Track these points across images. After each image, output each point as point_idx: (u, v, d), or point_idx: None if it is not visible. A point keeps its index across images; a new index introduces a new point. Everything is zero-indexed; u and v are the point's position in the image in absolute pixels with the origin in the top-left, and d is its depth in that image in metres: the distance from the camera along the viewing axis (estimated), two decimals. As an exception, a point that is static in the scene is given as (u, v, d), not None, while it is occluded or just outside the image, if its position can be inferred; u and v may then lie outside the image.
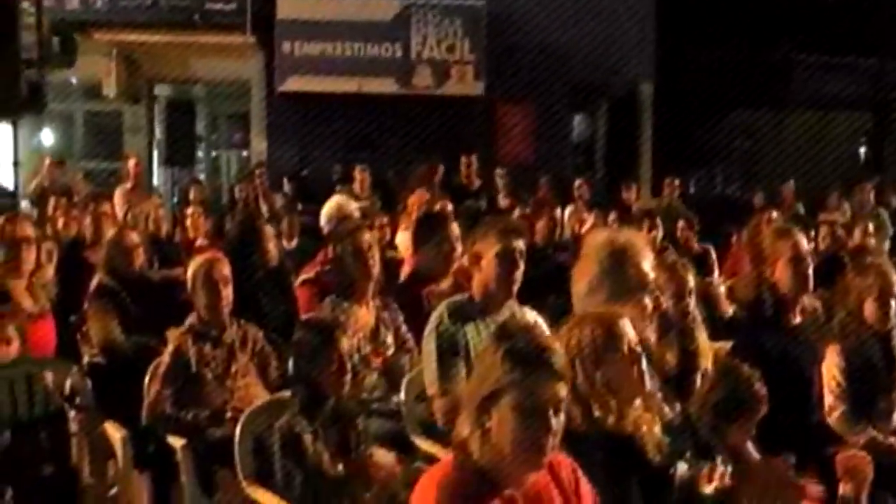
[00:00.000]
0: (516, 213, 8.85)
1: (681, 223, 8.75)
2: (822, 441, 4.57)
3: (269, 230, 6.52)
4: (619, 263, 3.59)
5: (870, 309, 4.81)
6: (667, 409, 3.34)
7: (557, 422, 2.61)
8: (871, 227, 8.02)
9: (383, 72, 14.35)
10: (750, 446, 3.97)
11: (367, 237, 5.46)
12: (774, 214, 8.30)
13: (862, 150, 17.00)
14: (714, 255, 8.66)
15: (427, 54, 14.41)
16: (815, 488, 4.09)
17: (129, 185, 11.25)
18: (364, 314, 5.17)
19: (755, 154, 15.60)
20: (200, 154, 16.08)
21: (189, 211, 9.68)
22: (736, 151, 16.02)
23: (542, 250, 8.08)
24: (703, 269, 7.10)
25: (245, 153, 16.37)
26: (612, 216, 8.94)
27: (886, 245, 8.10)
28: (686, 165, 13.96)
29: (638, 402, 3.14)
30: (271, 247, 6.40)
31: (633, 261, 3.61)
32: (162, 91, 15.52)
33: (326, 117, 14.11)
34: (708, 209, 11.82)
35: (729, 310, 6.53)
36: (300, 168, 14.15)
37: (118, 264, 6.18)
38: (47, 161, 11.76)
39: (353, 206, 7.36)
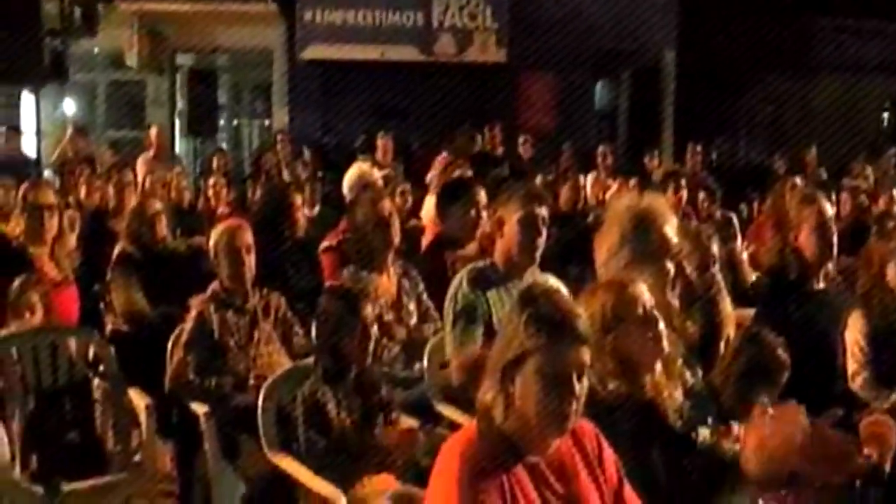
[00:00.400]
0: (539, 180, 8.82)
1: (701, 194, 8.69)
2: (846, 407, 4.55)
3: (298, 199, 6.51)
4: (640, 228, 3.56)
5: (892, 274, 4.78)
6: (689, 375, 3.31)
7: (581, 387, 2.59)
8: (895, 193, 7.94)
9: (405, 39, 14.28)
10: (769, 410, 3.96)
11: (388, 205, 5.45)
12: (798, 181, 8.25)
13: (886, 115, 16.80)
14: (736, 223, 8.60)
15: (449, 21, 14.33)
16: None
17: (151, 154, 11.28)
18: (385, 282, 5.16)
19: (779, 120, 15.44)
20: (222, 123, 16.08)
21: (211, 180, 9.70)
22: (759, 118, 15.86)
23: (566, 217, 8.05)
24: (726, 236, 7.05)
25: (267, 122, 16.36)
26: (633, 183, 8.88)
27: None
28: (709, 133, 13.82)
29: (658, 367, 3.12)
30: (299, 216, 6.39)
31: (655, 225, 3.58)
32: (184, 60, 15.51)
33: (348, 85, 14.08)
34: (731, 176, 11.76)
35: (752, 277, 6.49)
36: (322, 136, 14.14)
37: (141, 233, 6.20)
38: (70, 131, 11.79)
39: (376, 174, 7.33)
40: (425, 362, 4.67)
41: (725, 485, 3.13)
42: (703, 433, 3.22)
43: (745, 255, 6.91)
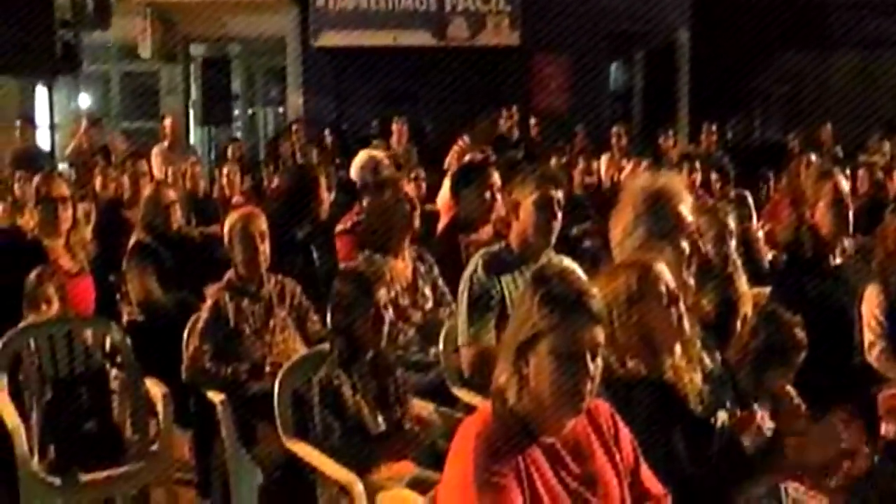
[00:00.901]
0: (553, 162, 8.79)
1: (714, 175, 8.64)
2: (863, 381, 4.53)
3: (322, 180, 6.50)
4: (655, 206, 3.53)
5: None
6: (707, 358, 3.28)
7: (595, 366, 2.58)
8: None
9: (418, 24, 14.26)
10: (792, 393, 3.94)
11: (404, 188, 5.43)
12: (813, 158, 8.20)
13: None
14: (751, 201, 8.56)
15: (462, 5, 14.29)
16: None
17: (166, 144, 11.30)
18: (401, 266, 5.15)
19: (794, 98, 15.33)
20: (237, 112, 16.10)
21: (226, 169, 9.71)
22: (774, 96, 15.78)
23: (579, 199, 8.03)
24: (741, 215, 7.01)
25: (281, 110, 16.37)
26: (645, 164, 8.84)
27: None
28: (724, 111, 13.76)
29: (678, 350, 3.09)
30: (324, 197, 6.39)
31: (670, 203, 3.55)
32: (197, 50, 15.53)
33: (362, 71, 14.07)
34: (747, 155, 11.70)
35: (768, 254, 6.46)
36: (337, 122, 14.14)
37: (156, 222, 6.19)
38: (84, 123, 11.82)
39: (384, 158, 7.31)
40: (441, 346, 4.66)
41: (746, 470, 3.11)
42: (722, 417, 3.19)
43: (760, 234, 6.87)
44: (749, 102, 15.49)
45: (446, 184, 6.74)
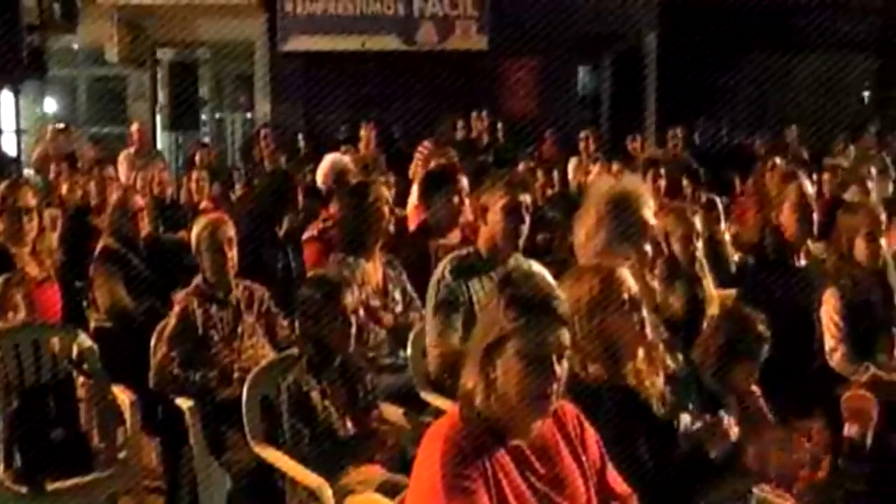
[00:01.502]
0: (521, 166, 8.82)
1: (685, 180, 8.69)
2: (827, 382, 4.57)
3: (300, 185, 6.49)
4: (618, 210, 3.56)
5: (860, 248, 4.82)
6: (670, 360, 3.31)
7: (561, 369, 2.60)
8: (873, 171, 7.95)
9: (386, 29, 14.27)
10: (756, 392, 3.98)
11: (375, 191, 5.43)
12: (778, 160, 8.27)
13: (867, 93, 16.83)
14: (721, 205, 8.63)
15: (430, 10, 14.32)
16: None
17: (133, 149, 11.24)
18: (371, 270, 5.15)
19: (761, 100, 15.47)
20: (205, 117, 16.02)
21: (194, 175, 9.68)
22: (741, 99, 15.89)
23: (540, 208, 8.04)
24: (711, 219, 7.06)
25: (250, 115, 16.31)
26: (615, 167, 8.89)
27: (890, 188, 8.03)
28: (692, 115, 13.87)
29: (641, 354, 3.12)
30: (301, 201, 6.38)
31: (633, 207, 3.58)
32: (165, 54, 15.41)
33: (331, 76, 14.04)
34: (714, 157, 11.77)
35: (735, 256, 6.51)
36: (305, 128, 14.11)
37: (123, 228, 6.16)
38: (51, 128, 11.74)
39: (349, 163, 7.32)
40: (409, 350, 4.67)
41: (710, 475, 3.14)
42: (686, 419, 3.22)
43: (727, 236, 6.92)
44: (716, 105, 15.57)
45: (415, 189, 6.76)
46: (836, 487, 3.96)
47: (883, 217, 4.90)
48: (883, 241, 4.86)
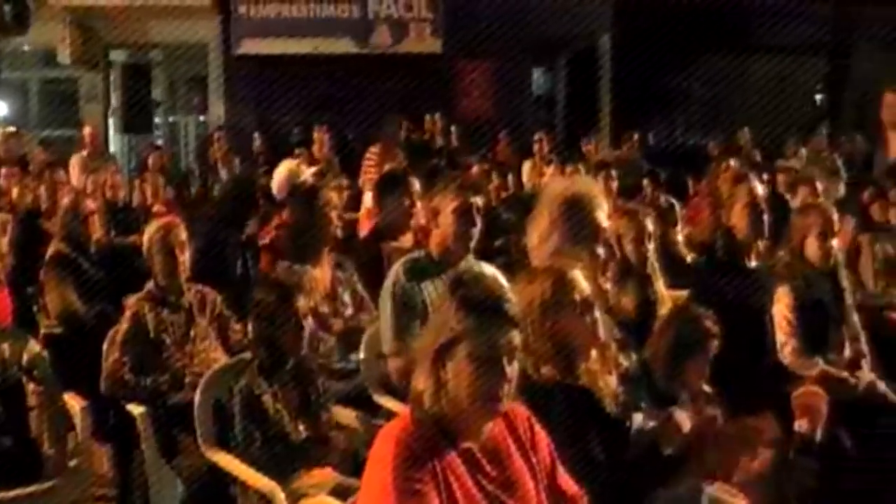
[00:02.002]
0: (475, 169, 8.83)
1: (645, 181, 8.76)
2: (778, 380, 4.63)
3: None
4: (570, 212, 3.58)
5: (811, 247, 4.89)
6: (623, 360, 3.34)
7: (512, 369, 2.61)
8: (824, 172, 8.05)
9: (341, 32, 14.24)
10: (707, 390, 4.02)
11: (323, 198, 5.42)
12: (732, 162, 8.34)
13: (819, 95, 17.04)
14: (678, 208, 8.70)
15: (384, 13, 14.30)
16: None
17: (85, 152, 11.12)
18: (320, 275, 5.14)
19: (714, 102, 15.61)
20: (158, 120, 15.91)
21: (147, 178, 9.60)
22: (695, 101, 16.04)
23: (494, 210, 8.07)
24: (668, 221, 7.12)
25: (203, 118, 16.21)
26: (569, 169, 8.93)
27: (841, 189, 8.14)
28: (646, 116, 13.99)
29: (594, 354, 3.14)
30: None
31: (585, 210, 3.60)
32: (118, 56, 15.30)
33: (284, 79, 13.98)
34: (668, 159, 11.86)
35: (688, 257, 6.56)
36: (259, 131, 14.03)
37: (74, 232, 6.11)
38: (1, 131, 11.59)
39: (305, 171, 7.31)
40: (362, 353, 4.66)
41: (663, 472, 3.16)
42: (638, 418, 3.25)
43: (681, 237, 6.98)
44: (670, 108, 15.71)
45: (368, 192, 6.75)
46: (787, 483, 4.01)
47: (835, 217, 4.98)
48: (834, 242, 4.94)
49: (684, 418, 3.34)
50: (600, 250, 3.58)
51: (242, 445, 3.95)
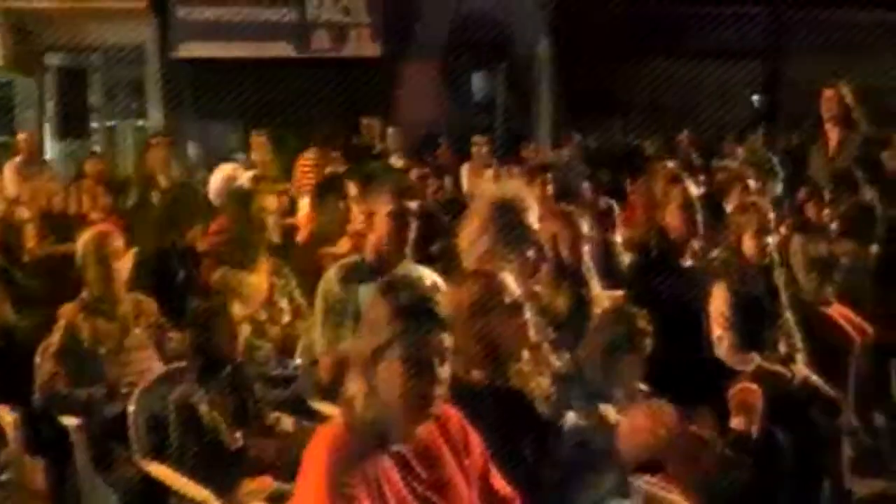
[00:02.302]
0: (413, 173, 8.83)
1: (585, 183, 8.82)
2: (714, 376, 4.69)
3: None
4: (499, 215, 3.60)
5: (748, 244, 4.98)
6: (555, 360, 3.36)
7: (443, 371, 2.62)
8: (761, 171, 8.16)
9: (280, 36, 14.16)
10: (643, 388, 4.06)
11: (259, 204, 5.40)
12: (669, 164, 8.42)
13: (756, 97, 17.27)
14: (617, 211, 8.77)
15: (324, 17, 14.25)
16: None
17: (20, 159, 10.95)
18: (257, 281, 5.12)
19: (653, 105, 15.76)
20: (95, 125, 15.70)
21: (85, 184, 9.47)
22: (635, 104, 16.16)
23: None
24: (607, 223, 7.17)
25: (142, 123, 16.02)
26: (504, 173, 8.95)
27: (778, 189, 8.26)
28: (586, 119, 14.07)
29: (525, 356, 3.16)
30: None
31: (514, 212, 3.62)
32: (53, 59, 15.05)
33: (224, 84, 13.87)
34: (608, 162, 11.95)
35: (625, 258, 6.62)
36: (199, 136, 13.91)
37: (8, 241, 6.02)
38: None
39: (242, 175, 7.28)
40: (298, 359, 4.65)
41: (593, 468, 3.19)
42: (570, 417, 3.27)
43: (618, 238, 7.04)
44: (610, 111, 15.82)
45: (305, 198, 6.74)
46: (722, 478, 4.06)
47: (771, 215, 5.08)
48: (770, 239, 5.03)
49: (617, 417, 3.37)
50: (530, 252, 3.60)
51: (178, 456, 3.93)
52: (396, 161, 11.33)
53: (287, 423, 4.34)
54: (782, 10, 15.88)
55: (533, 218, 3.66)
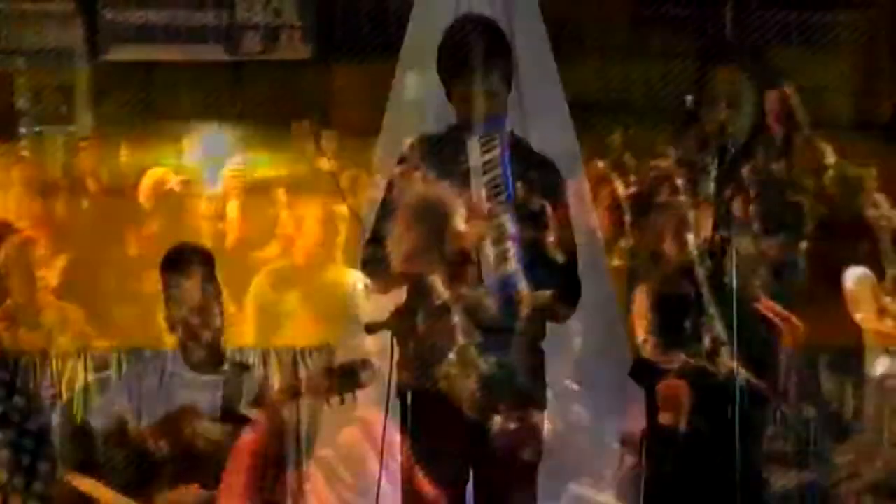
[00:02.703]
0: (346, 175, 8.78)
1: (518, 184, 8.82)
2: (642, 374, 4.74)
3: None
4: (424, 216, 3.60)
5: (668, 244, 5.03)
6: (483, 363, 3.36)
7: (367, 376, 2.62)
8: (693, 170, 8.25)
9: (210, 38, 14.02)
10: (574, 388, 4.08)
11: (190, 207, 5.35)
12: (601, 164, 8.48)
13: (689, 97, 17.47)
14: (550, 211, 8.77)
15: (254, 19, 14.14)
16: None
17: (-59, 168, 10.73)
18: (190, 286, 5.06)
19: (587, 106, 15.85)
20: (23, 130, 15.42)
21: (11, 192, 9.31)
22: (569, 105, 16.25)
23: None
24: (540, 225, 7.18)
25: (72, 128, 15.77)
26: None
27: (711, 188, 8.36)
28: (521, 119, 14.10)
29: (452, 357, 3.15)
30: None
31: (439, 213, 3.62)
32: (-23, 64, 14.78)
33: (154, 87, 13.70)
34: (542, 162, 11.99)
35: (558, 258, 6.64)
36: (129, 140, 13.72)
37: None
38: None
39: (172, 179, 7.21)
40: (227, 365, 4.59)
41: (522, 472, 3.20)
42: (499, 420, 3.27)
43: (551, 238, 7.05)
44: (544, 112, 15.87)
45: (232, 203, 6.71)
46: (650, 473, 4.11)
47: (691, 214, 5.12)
48: (691, 237, 5.08)
49: (544, 417, 3.38)
50: (456, 254, 3.60)
51: (104, 468, 3.88)
52: (327, 164, 11.27)
53: (216, 430, 4.29)
54: (711, 11, 16.08)
55: (459, 219, 3.66)
